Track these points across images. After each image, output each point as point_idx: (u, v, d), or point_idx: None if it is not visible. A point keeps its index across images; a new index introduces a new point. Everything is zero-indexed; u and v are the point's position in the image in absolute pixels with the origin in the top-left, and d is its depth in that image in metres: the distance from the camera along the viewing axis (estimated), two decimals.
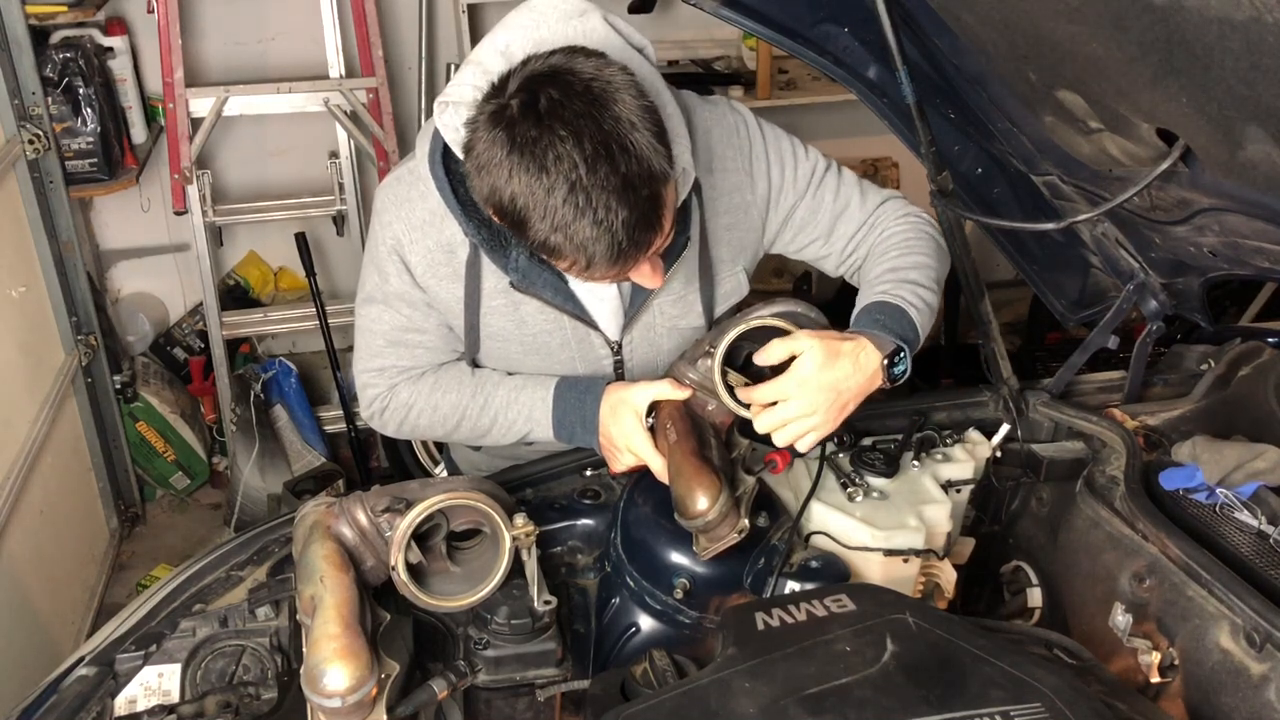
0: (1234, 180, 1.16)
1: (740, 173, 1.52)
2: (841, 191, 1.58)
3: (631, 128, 1.18)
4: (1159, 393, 1.86)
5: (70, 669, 1.32)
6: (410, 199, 1.45)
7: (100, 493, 3.17)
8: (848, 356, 1.36)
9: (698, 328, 1.59)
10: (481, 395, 1.55)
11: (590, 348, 1.55)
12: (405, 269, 1.47)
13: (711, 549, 1.32)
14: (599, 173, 1.16)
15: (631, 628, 1.40)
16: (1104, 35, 1.07)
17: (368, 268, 1.53)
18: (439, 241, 1.45)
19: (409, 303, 1.50)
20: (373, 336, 1.55)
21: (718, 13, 1.57)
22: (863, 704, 1.02)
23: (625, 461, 1.46)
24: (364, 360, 1.58)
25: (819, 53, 1.63)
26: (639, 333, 1.56)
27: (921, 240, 1.56)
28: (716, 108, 1.54)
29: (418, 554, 1.24)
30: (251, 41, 3.26)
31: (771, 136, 1.55)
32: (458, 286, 1.48)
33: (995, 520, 1.75)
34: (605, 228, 1.18)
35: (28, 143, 2.68)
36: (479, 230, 1.39)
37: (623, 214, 1.18)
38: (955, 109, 1.65)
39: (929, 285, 1.51)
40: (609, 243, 1.19)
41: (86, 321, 3.06)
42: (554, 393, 1.51)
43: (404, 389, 1.56)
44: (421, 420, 1.57)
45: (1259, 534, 1.42)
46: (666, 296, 1.53)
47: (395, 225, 1.46)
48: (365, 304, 1.55)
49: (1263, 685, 1.24)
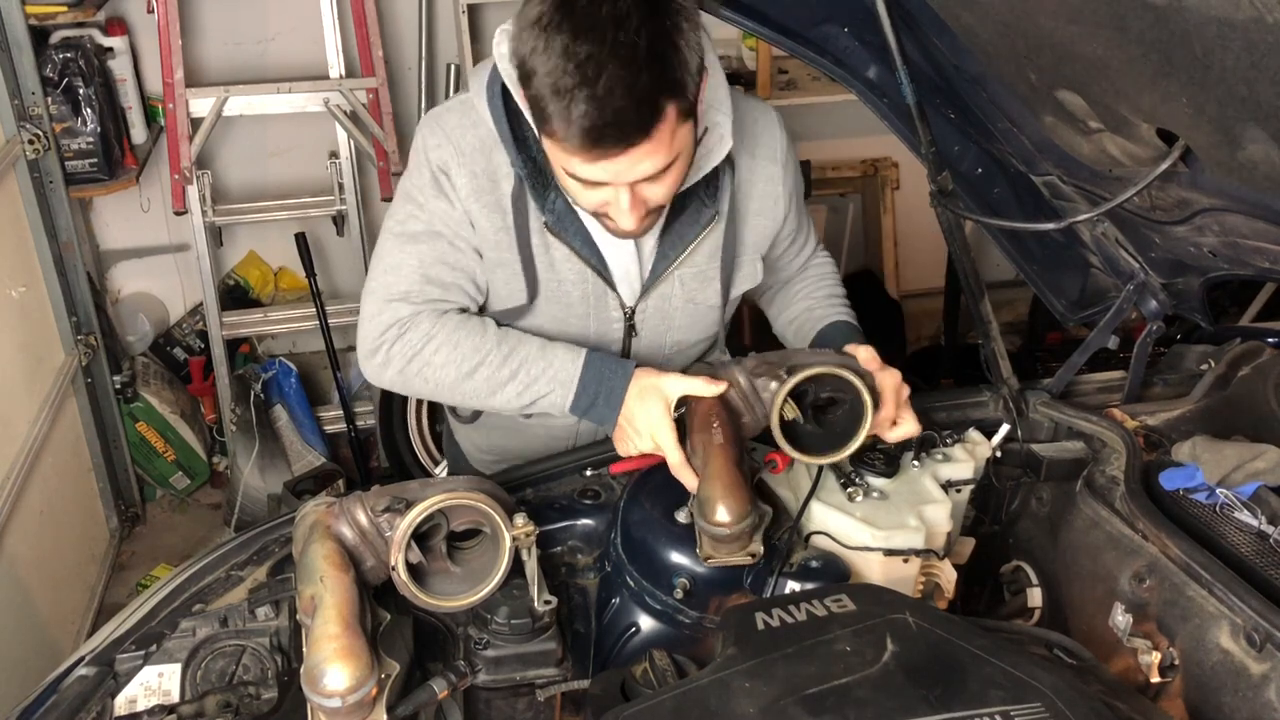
0: (1234, 180, 1.16)
1: (775, 164, 1.59)
2: (809, 223, 1.79)
3: (671, 44, 1.23)
4: (1159, 393, 1.86)
5: (70, 669, 1.32)
6: (461, 126, 1.48)
7: (100, 493, 3.17)
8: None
9: (713, 306, 1.63)
10: (507, 345, 1.51)
11: (605, 307, 1.58)
12: (451, 186, 1.48)
13: (715, 559, 1.32)
14: (621, 56, 1.19)
15: (631, 628, 1.40)
16: (1104, 35, 1.07)
17: (402, 201, 1.52)
18: (485, 169, 1.47)
19: (448, 227, 1.49)
20: (400, 271, 1.50)
21: (718, 13, 1.57)
22: (863, 704, 1.02)
23: (641, 446, 1.46)
24: (385, 290, 1.51)
25: (819, 53, 1.63)
26: (654, 302, 1.59)
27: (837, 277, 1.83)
28: (758, 102, 1.63)
29: (418, 554, 1.24)
30: (251, 41, 3.26)
31: (794, 149, 1.65)
32: (498, 217, 1.49)
33: (995, 520, 1.74)
34: (598, 106, 1.20)
35: (28, 143, 2.68)
36: (526, 164, 1.44)
37: (619, 103, 1.20)
38: (955, 109, 1.65)
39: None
40: (593, 121, 1.21)
41: (86, 321, 3.06)
42: (585, 359, 1.50)
43: (427, 319, 1.50)
44: (437, 358, 1.49)
45: (1259, 534, 1.42)
46: (689, 269, 1.57)
47: (443, 149, 1.48)
48: (396, 239, 1.51)
49: (1263, 685, 1.24)
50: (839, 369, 1.41)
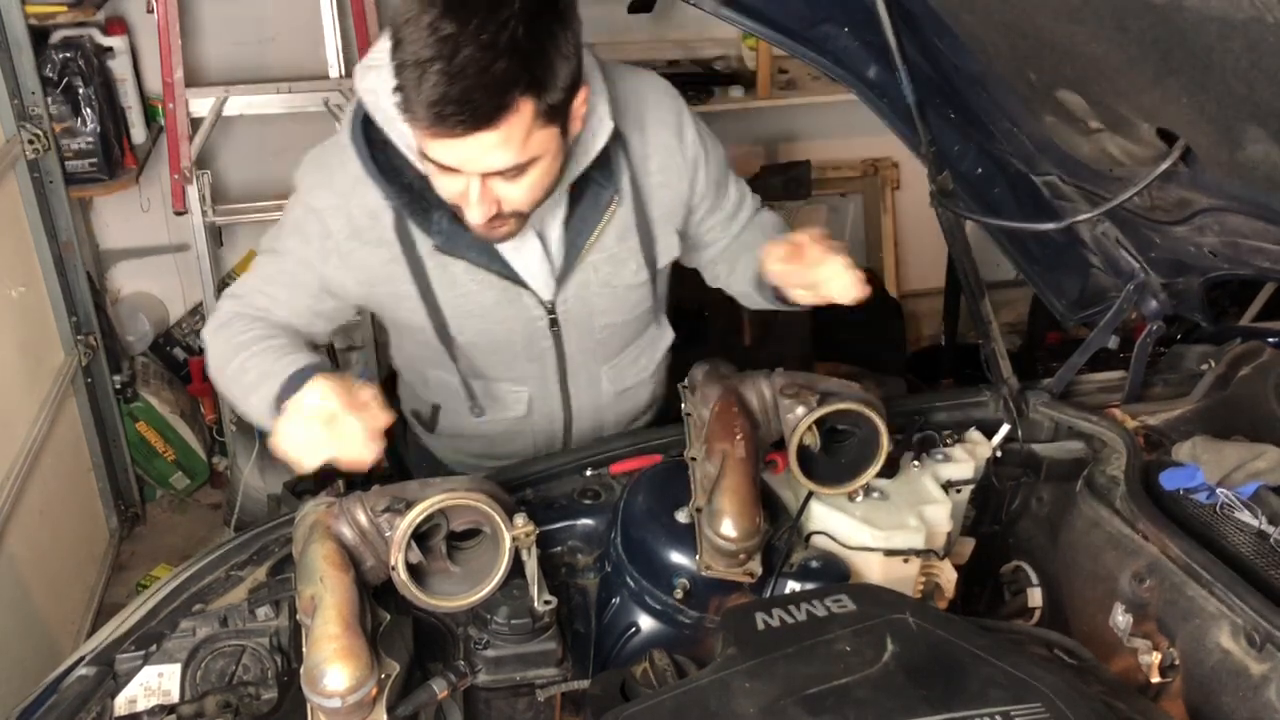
0: (1234, 180, 1.16)
1: (671, 132, 1.58)
2: (740, 216, 1.75)
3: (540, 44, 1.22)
4: (1159, 393, 1.85)
5: (70, 669, 1.32)
6: (333, 166, 1.49)
7: (100, 493, 3.17)
8: None
9: (634, 285, 1.64)
10: (258, 348, 1.48)
11: (523, 308, 1.58)
12: (318, 237, 1.50)
13: (714, 570, 1.32)
14: (480, 40, 1.18)
15: (631, 628, 1.40)
16: (1104, 35, 1.07)
17: (278, 225, 1.57)
18: (362, 207, 1.48)
19: (298, 263, 1.53)
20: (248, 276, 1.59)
21: (718, 13, 1.57)
22: (863, 704, 1.02)
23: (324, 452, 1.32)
24: (234, 288, 1.60)
25: (819, 53, 1.63)
26: (573, 291, 1.59)
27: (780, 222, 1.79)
28: (647, 74, 1.62)
29: (418, 554, 1.24)
30: (251, 41, 3.26)
31: (694, 115, 1.62)
32: (384, 251, 1.50)
33: (995, 520, 1.74)
34: (445, 82, 1.19)
35: (28, 143, 2.68)
36: (400, 194, 1.44)
37: (468, 82, 1.19)
38: (955, 109, 1.65)
39: None
40: (441, 94, 1.20)
41: (86, 321, 3.06)
42: (302, 365, 1.42)
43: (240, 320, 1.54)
44: (219, 347, 1.53)
45: (1259, 534, 1.42)
46: (599, 254, 1.57)
47: (317, 192, 1.50)
48: (261, 252, 1.59)
49: (1263, 685, 1.24)
50: (867, 409, 1.42)
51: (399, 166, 1.45)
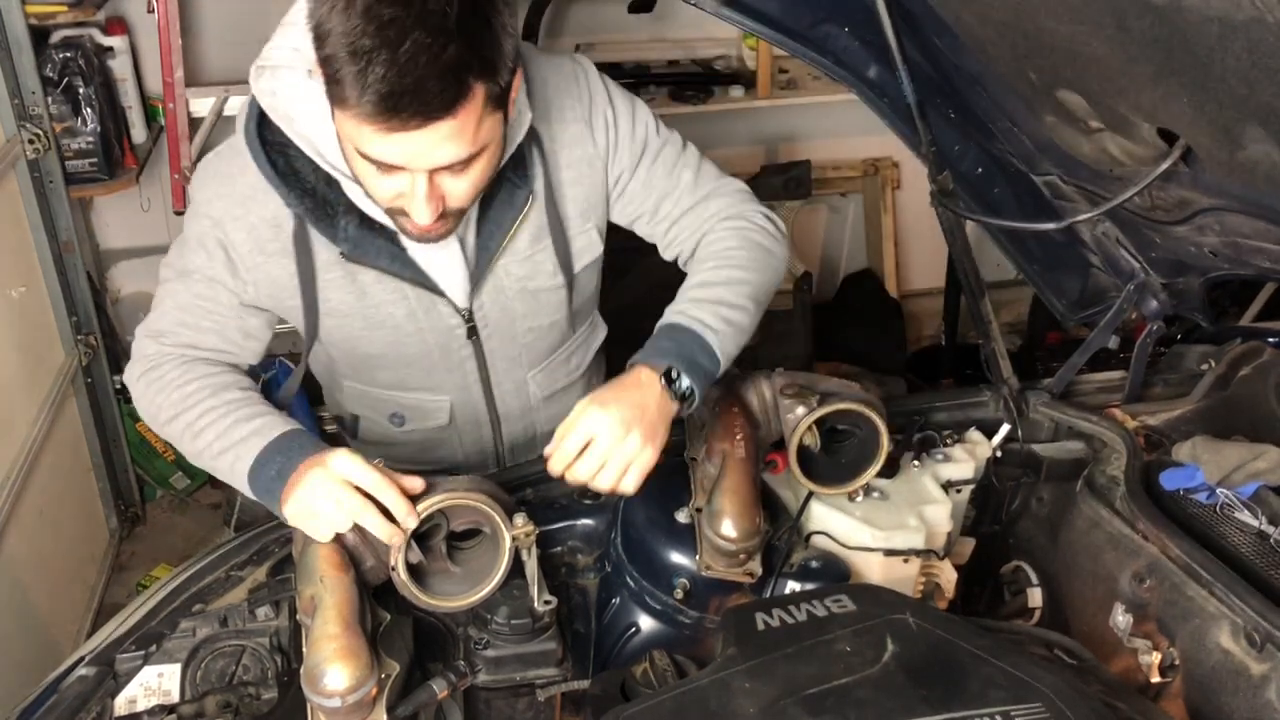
0: (1234, 180, 1.16)
1: (580, 123, 1.45)
2: (677, 171, 1.53)
3: (485, 21, 1.13)
4: (1159, 393, 1.85)
5: (70, 669, 1.32)
6: (230, 174, 1.38)
7: (100, 493, 3.17)
8: (628, 385, 1.34)
9: (551, 288, 1.53)
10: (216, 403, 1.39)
11: (438, 317, 1.49)
12: (222, 249, 1.40)
13: (714, 570, 1.32)
14: (428, 23, 1.09)
15: (631, 628, 1.40)
16: (1104, 35, 1.07)
17: (180, 242, 1.46)
18: (263, 216, 1.38)
19: (210, 282, 1.42)
20: (160, 307, 1.48)
21: (718, 13, 1.57)
22: (863, 704, 1.02)
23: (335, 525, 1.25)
24: (146, 324, 1.49)
25: (819, 53, 1.63)
26: (489, 296, 1.50)
27: (744, 250, 1.49)
28: (555, 58, 1.48)
29: (418, 554, 1.24)
30: (251, 41, 3.23)
31: (617, 93, 1.49)
32: (288, 261, 1.41)
33: (995, 520, 1.74)
34: (396, 72, 1.09)
35: (28, 143, 2.68)
36: (301, 200, 1.34)
37: (422, 70, 1.10)
38: (955, 109, 1.65)
39: (738, 303, 1.45)
40: (391, 87, 1.10)
41: (86, 321, 3.06)
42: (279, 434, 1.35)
43: (171, 364, 1.45)
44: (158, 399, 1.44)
45: (1259, 534, 1.42)
46: (512, 257, 1.47)
47: (216, 203, 1.39)
48: (167, 274, 1.48)
49: (1263, 685, 1.24)
50: (867, 409, 1.41)
51: (299, 170, 1.35)
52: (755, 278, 1.49)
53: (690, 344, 1.39)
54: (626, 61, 3.48)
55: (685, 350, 1.38)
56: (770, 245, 1.54)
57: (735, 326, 1.43)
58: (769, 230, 1.55)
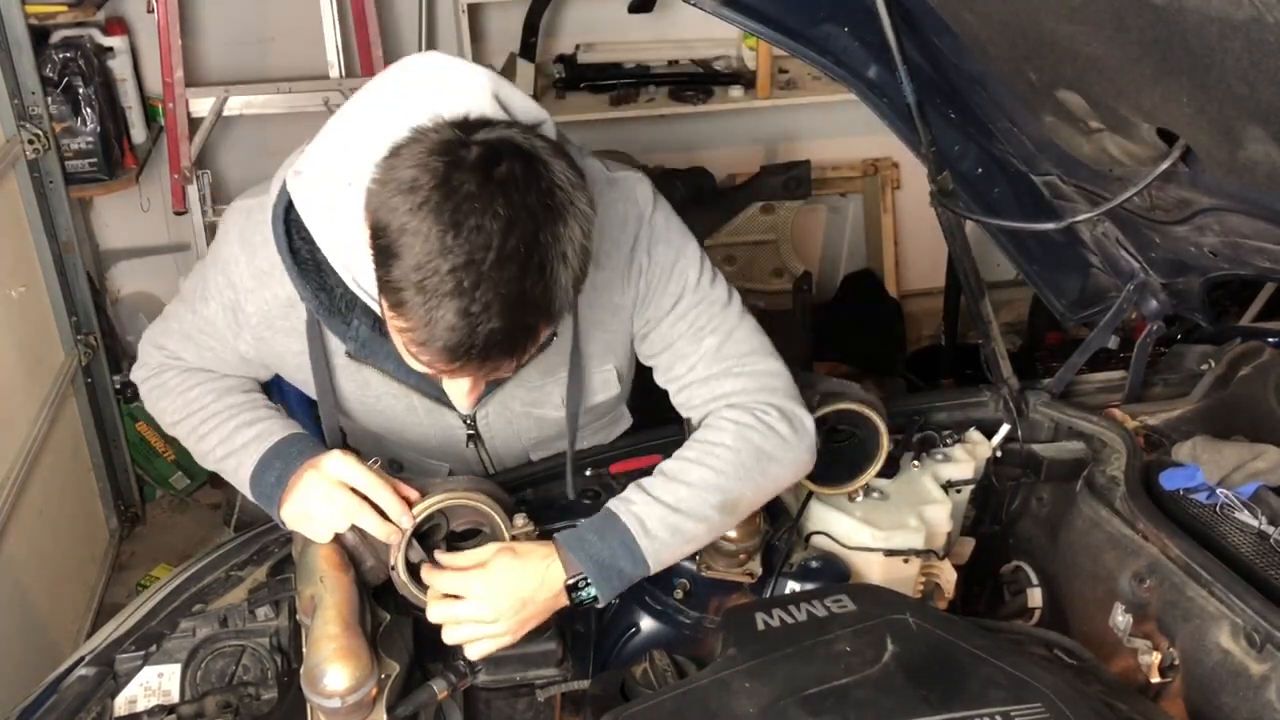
0: (1234, 180, 1.16)
1: (614, 270, 1.36)
2: (702, 335, 1.39)
3: (562, 259, 1.08)
4: (1159, 393, 1.85)
5: (70, 669, 1.32)
6: (254, 243, 1.33)
7: (100, 493, 3.17)
8: (535, 570, 1.24)
9: (555, 419, 1.48)
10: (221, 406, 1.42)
11: (440, 417, 1.47)
12: (232, 312, 1.37)
13: (714, 571, 1.32)
14: (505, 272, 1.04)
15: (631, 628, 1.40)
16: (1104, 35, 1.07)
17: (200, 274, 1.43)
18: (277, 294, 1.34)
19: (216, 331, 1.41)
20: (168, 320, 1.48)
21: (718, 13, 1.57)
22: (863, 704, 1.02)
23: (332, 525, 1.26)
24: (153, 332, 1.50)
25: (819, 53, 1.63)
26: (494, 410, 1.48)
27: (734, 453, 1.32)
28: (615, 191, 1.35)
29: (419, 552, 1.24)
30: (251, 41, 3.26)
31: (662, 238, 1.37)
32: (295, 342, 1.38)
33: (995, 520, 1.74)
34: (468, 324, 1.05)
35: (28, 143, 2.68)
36: (315, 296, 1.28)
37: (494, 324, 1.05)
38: (955, 109, 1.65)
39: (698, 513, 1.29)
40: (460, 341, 1.06)
41: (86, 321, 3.06)
42: (279, 440, 1.36)
43: (173, 372, 1.47)
44: (163, 403, 1.48)
45: (1259, 534, 1.42)
46: (520, 384, 1.43)
47: (233, 267, 1.35)
48: (183, 294, 1.47)
49: (1263, 685, 1.24)
50: (867, 409, 1.42)
51: (321, 263, 1.27)
52: (733, 486, 1.31)
53: (618, 549, 1.27)
54: (626, 61, 3.48)
55: (609, 555, 1.26)
56: (772, 449, 1.34)
57: (682, 537, 1.29)
58: (776, 432, 1.35)
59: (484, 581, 1.22)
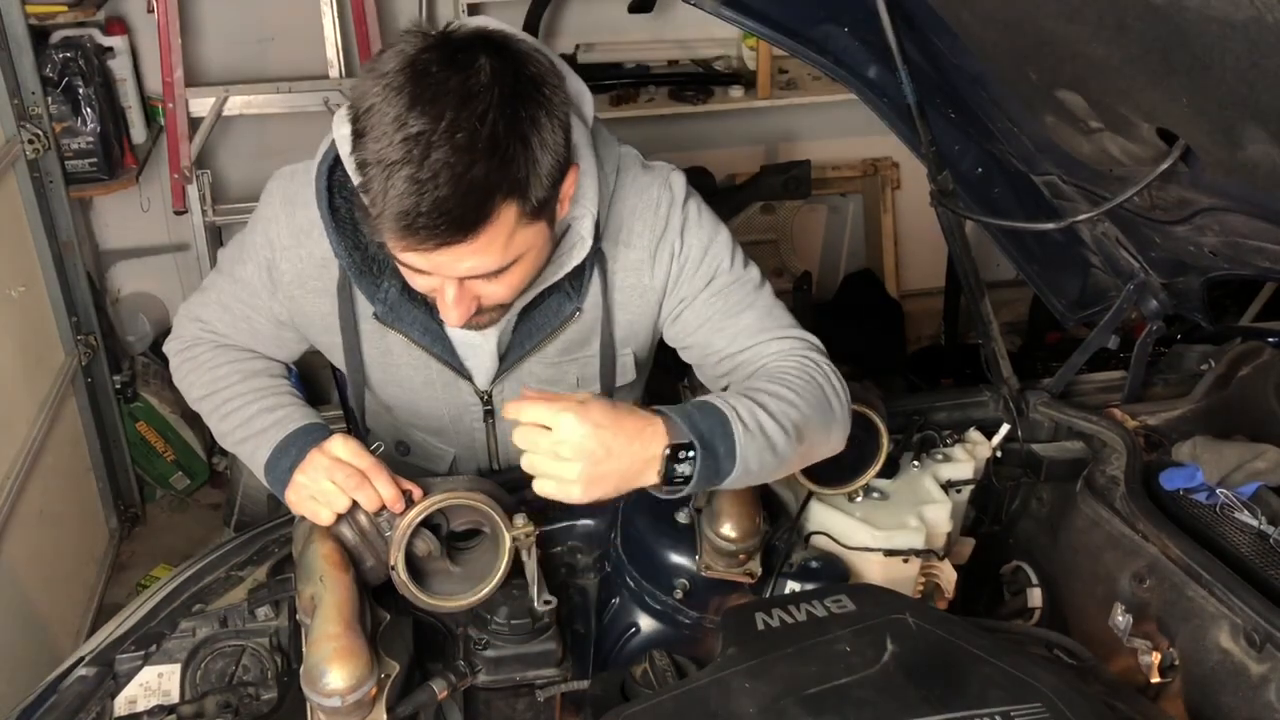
0: (1234, 180, 1.16)
1: (643, 251, 1.40)
2: (739, 312, 1.41)
3: (521, 140, 1.10)
4: (1159, 393, 1.86)
5: (70, 669, 1.32)
6: (295, 202, 1.37)
7: (100, 493, 3.17)
8: (634, 424, 1.16)
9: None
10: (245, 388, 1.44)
11: (457, 392, 1.49)
12: (268, 270, 1.41)
13: (714, 571, 1.32)
14: (455, 141, 1.06)
15: (631, 628, 1.40)
16: (1104, 35, 1.07)
17: (239, 241, 1.47)
18: (313, 253, 1.38)
19: (253, 293, 1.45)
20: (206, 294, 1.51)
21: (718, 13, 1.57)
22: (863, 704, 1.02)
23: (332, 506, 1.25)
24: (190, 306, 1.53)
25: (819, 53, 1.63)
26: (510, 386, 1.49)
27: (803, 381, 1.31)
28: (650, 175, 1.42)
29: (425, 544, 1.25)
30: (251, 41, 3.26)
31: (695, 223, 1.41)
32: (325, 302, 1.41)
33: (995, 520, 1.75)
34: (416, 189, 1.07)
35: (27, 143, 2.68)
36: (350, 254, 1.32)
37: (442, 192, 1.07)
38: (955, 109, 1.65)
39: (779, 419, 1.24)
40: (408, 208, 1.07)
41: (86, 321, 3.06)
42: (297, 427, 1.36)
43: (205, 347, 1.51)
44: (191, 376, 1.50)
45: (1259, 534, 1.42)
46: (540, 361, 1.46)
47: (273, 226, 1.39)
48: (221, 265, 1.50)
49: (1263, 685, 1.24)
50: (866, 409, 1.42)
51: (358, 220, 1.31)
52: (803, 408, 1.27)
53: (716, 430, 1.20)
54: (626, 61, 3.48)
55: (708, 432, 1.20)
56: (830, 394, 1.33)
57: (766, 442, 1.22)
58: (834, 383, 1.35)
59: (576, 417, 1.14)
